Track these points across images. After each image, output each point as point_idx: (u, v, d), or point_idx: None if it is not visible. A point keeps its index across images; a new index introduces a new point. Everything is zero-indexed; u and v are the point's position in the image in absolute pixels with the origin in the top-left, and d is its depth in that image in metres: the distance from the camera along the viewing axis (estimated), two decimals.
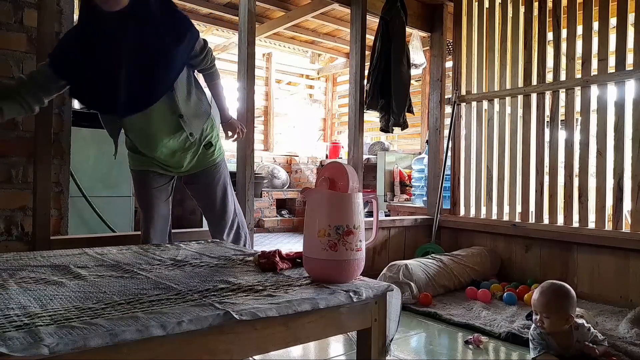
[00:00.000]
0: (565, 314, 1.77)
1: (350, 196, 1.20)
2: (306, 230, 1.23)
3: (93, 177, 3.11)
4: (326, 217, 1.17)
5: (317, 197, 1.21)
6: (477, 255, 3.07)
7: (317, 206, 1.20)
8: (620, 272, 2.64)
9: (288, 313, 0.97)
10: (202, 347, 0.88)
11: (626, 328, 2.14)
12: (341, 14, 4.62)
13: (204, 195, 2.06)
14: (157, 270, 1.29)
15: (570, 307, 1.78)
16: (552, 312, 1.77)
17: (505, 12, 3.29)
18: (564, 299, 1.78)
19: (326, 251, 1.16)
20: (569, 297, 1.79)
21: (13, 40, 1.91)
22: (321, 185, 1.24)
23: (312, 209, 1.21)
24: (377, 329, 1.15)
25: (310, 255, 1.20)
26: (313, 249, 1.19)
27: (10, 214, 1.87)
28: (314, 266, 1.20)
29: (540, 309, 1.79)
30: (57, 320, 0.82)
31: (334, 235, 1.16)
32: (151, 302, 0.96)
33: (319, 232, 1.17)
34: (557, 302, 1.78)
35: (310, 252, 1.20)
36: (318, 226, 1.17)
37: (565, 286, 1.82)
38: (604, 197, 2.74)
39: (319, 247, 1.17)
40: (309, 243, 1.21)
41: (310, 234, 1.20)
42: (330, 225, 1.16)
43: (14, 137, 1.89)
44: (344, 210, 1.18)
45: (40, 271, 1.23)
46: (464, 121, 3.53)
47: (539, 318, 1.79)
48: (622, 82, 2.68)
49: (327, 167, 1.29)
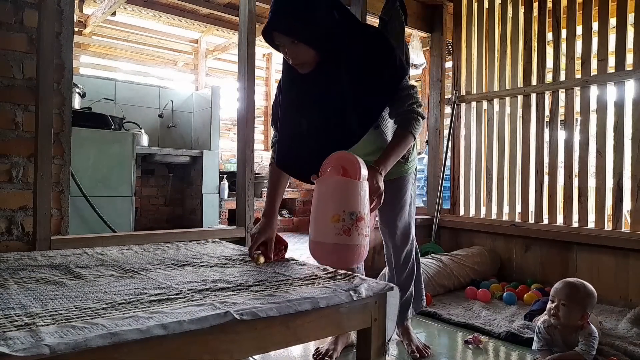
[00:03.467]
0: (583, 308, 1.77)
1: (363, 184, 1.24)
2: (317, 216, 1.25)
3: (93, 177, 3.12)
4: (341, 203, 1.20)
5: (333, 183, 1.23)
6: (476, 255, 3.08)
7: (333, 192, 1.22)
8: (620, 272, 2.64)
9: (288, 312, 0.97)
10: (202, 347, 0.88)
11: (626, 328, 2.14)
12: None
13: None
14: (158, 270, 1.29)
15: (590, 304, 1.79)
16: (571, 301, 1.76)
17: (505, 12, 3.29)
18: (586, 294, 1.79)
19: (340, 236, 1.19)
20: (592, 295, 1.80)
21: (13, 41, 1.91)
22: (333, 173, 1.25)
23: (327, 195, 1.24)
24: (376, 329, 1.16)
25: (324, 240, 1.22)
26: (326, 234, 1.21)
27: (11, 213, 1.88)
28: (326, 250, 1.22)
29: (561, 296, 1.78)
30: (58, 320, 0.83)
31: (348, 220, 1.19)
32: (151, 301, 0.96)
33: (332, 217, 1.19)
34: (579, 294, 1.78)
35: (324, 237, 1.22)
36: (332, 211, 1.20)
37: (590, 286, 1.82)
38: (603, 197, 2.75)
39: (333, 232, 1.19)
40: (320, 228, 1.23)
41: (323, 219, 1.22)
42: (345, 211, 1.19)
43: (14, 137, 1.89)
44: (358, 197, 1.21)
45: (41, 271, 1.24)
46: (464, 121, 3.54)
47: (555, 305, 1.78)
48: (622, 82, 2.69)
49: (335, 157, 1.29)
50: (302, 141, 1.51)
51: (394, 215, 1.82)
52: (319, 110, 1.48)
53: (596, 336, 1.79)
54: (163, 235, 2.18)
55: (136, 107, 4.40)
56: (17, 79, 1.90)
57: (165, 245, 1.73)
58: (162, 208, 4.64)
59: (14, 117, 1.88)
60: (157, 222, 4.57)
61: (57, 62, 1.96)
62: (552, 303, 1.81)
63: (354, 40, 1.45)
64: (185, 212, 4.60)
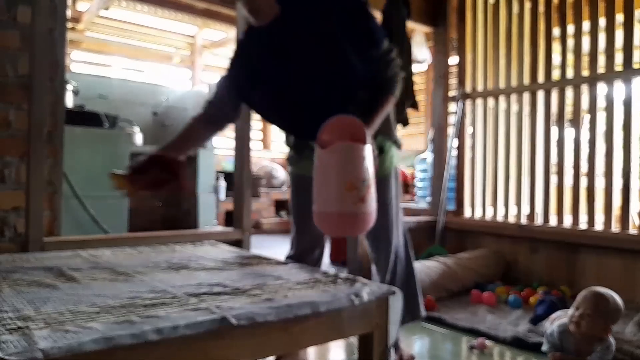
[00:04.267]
0: (608, 321, 1.72)
1: (370, 148, 1.21)
2: (328, 186, 1.20)
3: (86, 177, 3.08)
4: (356, 171, 1.16)
5: (345, 151, 1.18)
6: (481, 258, 3.02)
7: (346, 160, 1.18)
8: (628, 274, 2.59)
9: (287, 317, 0.95)
10: (198, 353, 0.86)
11: (633, 331, 2.09)
12: None
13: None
14: (152, 272, 1.26)
15: (615, 318, 1.74)
16: (597, 313, 1.70)
17: (510, 7, 3.24)
18: (614, 307, 1.73)
19: (356, 204, 1.16)
20: (619, 309, 1.74)
21: (6, 38, 1.88)
22: (340, 138, 1.20)
23: (340, 163, 1.18)
24: (378, 334, 1.13)
25: (341, 210, 1.17)
26: (342, 204, 1.17)
27: (3, 214, 1.84)
28: (344, 221, 1.19)
29: (587, 306, 1.71)
30: (51, 323, 0.81)
31: (362, 188, 1.16)
32: (146, 305, 0.93)
33: (347, 185, 1.15)
34: (606, 307, 1.71)
35: (340, 207, 1.17)
36: (346, 179, 1.16)
37: (619, 299, 1.76)
38: (611, 198, 2.70)
39: (350, 201, 1.15)
40: (335, 198, 1.18)
41: (336, 188, 1.17)
42: (358, 178, 1.16)
43: (6, 136, 1.86)
44: (368, 163, 1.19)
45: (34, 273, 1.21)
46: (469, 119, 3.48)
47: (579, 314, 1.71)
48: (630, 79, 2.64)
49: (338, 122, 1.24)
50: (284, 98, 1.45)
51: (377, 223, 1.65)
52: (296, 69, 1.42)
53: (612, 350, 1.75)
54: (157, 237, 2.15)
55: (130, 104, 4.36)
56: (10, 77, 1.87)
57: (160, 247, 1.70)
58: (157, 209, 4.60)
59: (6, 115, 1.85)
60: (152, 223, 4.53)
61: (50, 59, 1.94)
62: (577, 311, 1.74)
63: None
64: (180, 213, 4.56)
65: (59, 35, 1.98)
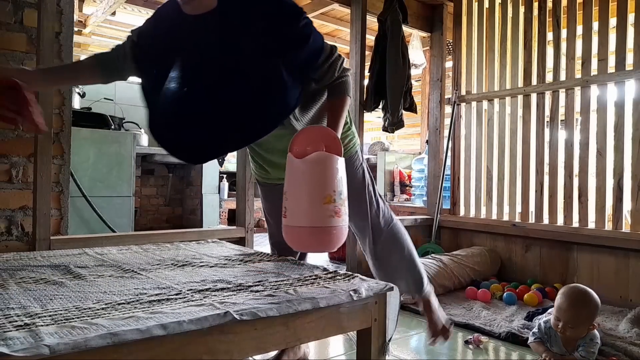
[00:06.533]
0: (590, 322, 1.76)
1: (343, 161, 1.14)
2: (302, 199, 1.10)
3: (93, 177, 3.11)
4: (333, 183, 1.09)
5: (324, 161, 1.10)
6: (476, 255, 3.07)
7: (323, 171, 1.10)
8: (620, 272, 2.64)
9: (288, 312, 0.97)
10: (202, 347, 0.88)
11: (626, 328, 2.13)
12: (341, 14, 4.62)
13: None
14: (157, 270, 1.29)
15: (595, 315, 1.78)
16: (579, 324, 1.74)
17: (505, 12, 3.29)
18: (594, 311, 1.76)
19: (332, 218, 1.08)
20: (597, 306, 1.77)
21: (13, 41, 1.91)
22: (313, 150, 1.12)
23: (315, 175, 1.10)
24: (376, 329, 1.15)
25: (315, 224, 1.09)
26: (318, 218, 1.08)
27: (11, 213, 1.88)
28: (316, 235, 1.10)
29: (568, 320, 1.74)
30: (58, 320, 0.82)
31: (339, 200, 1.09)
32: (151, 302, 0.96)
33: (325, 198, 1.07)
34: (587, 315, 1.75)
35: (315, 222, 1.09)
36: (324, 192, 1.08)
37: (594, 296, 1.78)
38: (603, 197, 2.74)
39: (325, 214, 1.07)
40: (310, 212, 1.09)
41: (313, 202, 1.09)
42: (335, 191, 1.08)
43: (14, 136, 1.89)
44: (343, 174, 1.12)
45: (40, 271, 1.23)
46: (464, 121, 3.54)
47: (562, 325, 1.75)
48: (622, 82, 2.68)
49: (312, 132, 1.18)
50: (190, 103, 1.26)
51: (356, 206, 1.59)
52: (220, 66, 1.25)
53: (598, 341, 1.79)
54: (163, 236, 2.18)
55: (136, 107, 4.40)
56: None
57: (165, 245, 1.73)
58: (162, 208, 4.64)
59: None
60: (157, 222, 4.57)
61: (57, 62, 1.96)
62: (558, 321, 1.77)
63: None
64: (185, 212, 4.60)
65: (66, 38, 2.01)
